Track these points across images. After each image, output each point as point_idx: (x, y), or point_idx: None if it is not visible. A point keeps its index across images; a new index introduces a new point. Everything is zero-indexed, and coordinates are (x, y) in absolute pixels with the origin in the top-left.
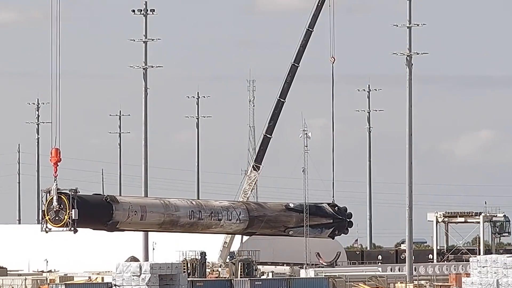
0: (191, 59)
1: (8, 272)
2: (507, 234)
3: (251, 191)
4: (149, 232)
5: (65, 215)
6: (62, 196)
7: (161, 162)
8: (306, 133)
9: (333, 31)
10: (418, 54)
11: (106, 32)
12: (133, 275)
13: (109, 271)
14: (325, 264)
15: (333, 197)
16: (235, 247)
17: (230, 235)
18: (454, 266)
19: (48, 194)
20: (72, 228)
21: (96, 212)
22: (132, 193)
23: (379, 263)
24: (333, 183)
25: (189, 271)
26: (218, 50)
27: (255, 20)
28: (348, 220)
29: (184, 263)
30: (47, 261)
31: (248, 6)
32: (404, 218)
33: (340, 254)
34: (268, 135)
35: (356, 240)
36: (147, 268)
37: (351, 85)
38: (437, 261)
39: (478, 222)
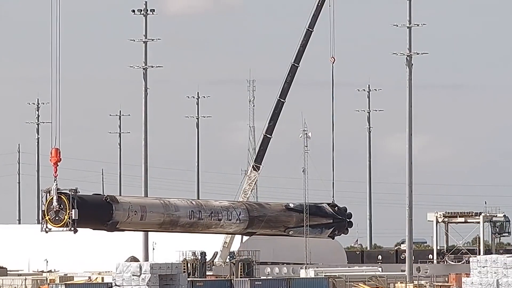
0: (191, 59)
1: (8, 272)
2: (507, 234)
3: (251, 191)
4: (149, 232)
5: (65, 215)
6: (62, 196)
7: (161, 162)
8: (306, 133)
9: (333, 31)
10: (418, 54)
11: (106, 32)
12: (133, 275)
13: (109, 271)
14: None
15: (333, 197)
16: (235, 247)
17: (230, 235)
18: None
19: (48, 194)
20: (72, 228)
21: (96, 212)
22: (132, 193)
23: (379, 263)
24: (333, 183)
25: (189, 271)
26: (218, 50)
27: (254, 20)
28: (348, 220)
29: (184, 263)
30: (47, 261)
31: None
32: (404, 218)
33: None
34: (268, 135)
35: (357, 240)
36: (147, 268)
37: (351, 85)
38: (437, 261)
39: (478, 222)
